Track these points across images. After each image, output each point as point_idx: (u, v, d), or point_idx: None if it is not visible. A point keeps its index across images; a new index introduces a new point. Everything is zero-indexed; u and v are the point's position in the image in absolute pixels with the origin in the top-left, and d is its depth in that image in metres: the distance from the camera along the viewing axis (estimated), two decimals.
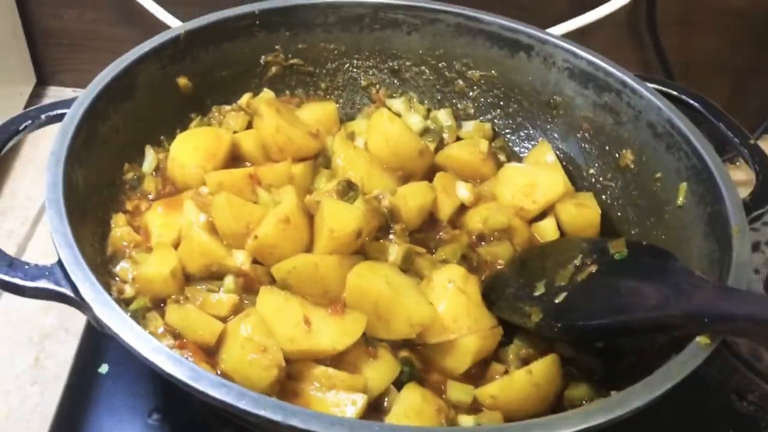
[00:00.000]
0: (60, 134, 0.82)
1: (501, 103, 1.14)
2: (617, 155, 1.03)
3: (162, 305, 0.81)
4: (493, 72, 1.12)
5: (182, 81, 1.02)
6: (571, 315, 0.78)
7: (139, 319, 0.79)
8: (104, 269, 0.83)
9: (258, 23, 1.06)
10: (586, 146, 1.08)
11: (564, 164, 1.08)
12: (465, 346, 0.80)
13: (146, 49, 0.97)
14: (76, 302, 0.70)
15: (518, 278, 0.89)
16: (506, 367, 0.82)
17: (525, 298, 0.84)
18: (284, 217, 0.82)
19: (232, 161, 0.99)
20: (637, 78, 1.00)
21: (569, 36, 1.17)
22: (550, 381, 0.79)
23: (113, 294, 0.79)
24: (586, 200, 1.02)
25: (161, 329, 0.77)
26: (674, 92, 1.01)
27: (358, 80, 1.17)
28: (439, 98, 1.17)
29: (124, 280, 0.83)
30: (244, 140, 1.00)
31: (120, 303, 0.74)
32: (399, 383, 0.78)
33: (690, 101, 1.01)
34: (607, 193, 1.05)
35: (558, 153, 1.08)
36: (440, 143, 1.10)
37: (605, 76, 1.02)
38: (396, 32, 1.12)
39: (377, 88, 1.17)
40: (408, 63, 1.15)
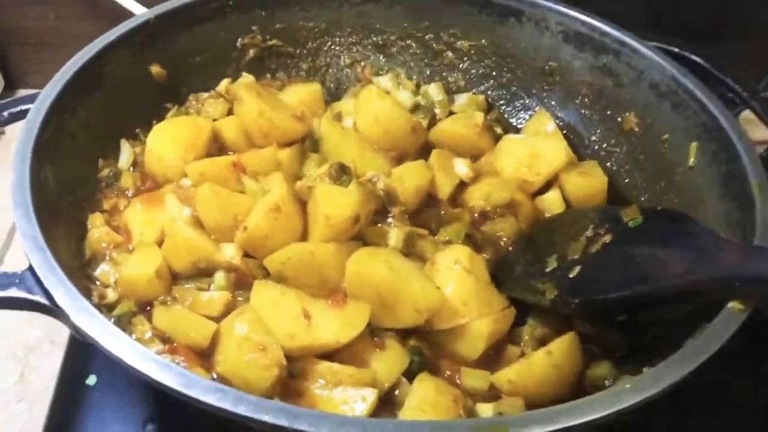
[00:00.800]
0: (24, 131, 0.76)
1: (493, 74, 1.08)
2: (620, 119, 0.98)
3: (148, 308, 0.75)
4: (483, 41, 1.06)
5: (155, 69, 0.97)
6: (589, 289, 0.73)
7: (124, 325, 0.73)
8: (83, 273, 0.77)
9: (231, 3, 1.00)
10: (587, 112, 1.02)
11: (564, 133, 1.02)
12: (477, 330, 0.75)
13: (113, 37, 0.91)
14: (52, 310, 0.64)
15: (527, 255, 0.84)
16: (522, 349, 0.77)
17: (537, 275, 0.79)
18: (274, 206, 0.76)
19: (214, 151, 0.93)
20: (636, 36, 0.95)
21: None
22: (571, 360, 0.74)
23: (94, 299, 0.74)
24: (591, 168, 0.97)
25: (149, 334, 0.72)
26: (676, 49, 0.96)
27: (342, 59, 1.11)
28: (428, 73, 1.11)
29: (106, 284, 0.77)
30: (225, 127, 0.94)
31: (102, 309, 0.69)
32: (410, 374, 0.73)
33: (693, 57, 0.95)
34: (612, 160, 1.00)
35: (557, 122, 1.03)
36: (432, 119, 1.05)
37: (602, 37, 0.97)
38: (378, 5, 1.06)
39: (362, 66, 1.11)
40: (393, 37, 1.09)
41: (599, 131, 1.01)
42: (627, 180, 0.98)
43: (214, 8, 0.99)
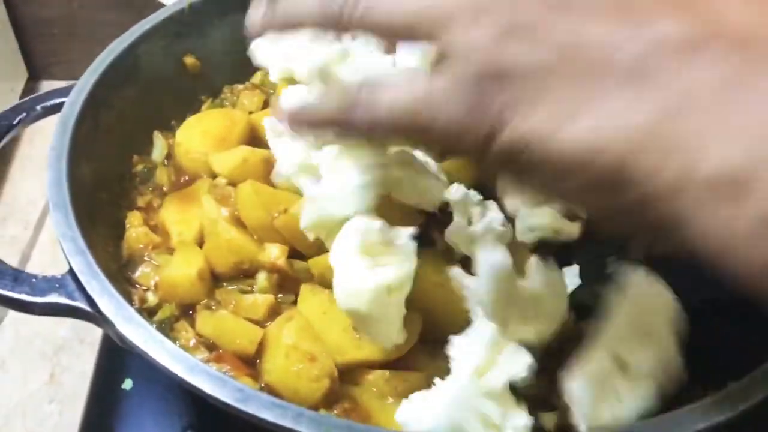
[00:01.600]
0: (60, 126, 0.73)
1: None
2: None
3: (191, 312, 0.72)
4: None
5: (189, 60, 0.93)
6: None
7: (167, 331, 0.69)
8: (122, 276, 0.73)
9: None
10: None
11: None
12: None
13: (147, 27, 0.88)
14: (94, 317, 0.61)
15: None
16: None
17: None
18: None
19: (249, 145, 0.89)
20: None
21: None
22: None
23: (134, 304, 0.70)
24: None
25: (193, 341, 0.68)
26: None
27: None
28: None
29: (146, 287, 0.74)
30: (262, 120, 0.90)
31: (143, 314, 0.65)
32: None
33: None
34: None
35: None
36: None
37: None
38: None
39: None
40: None
41: None
42: None
43: None
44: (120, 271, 0.74)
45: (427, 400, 0.57)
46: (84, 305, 0.61)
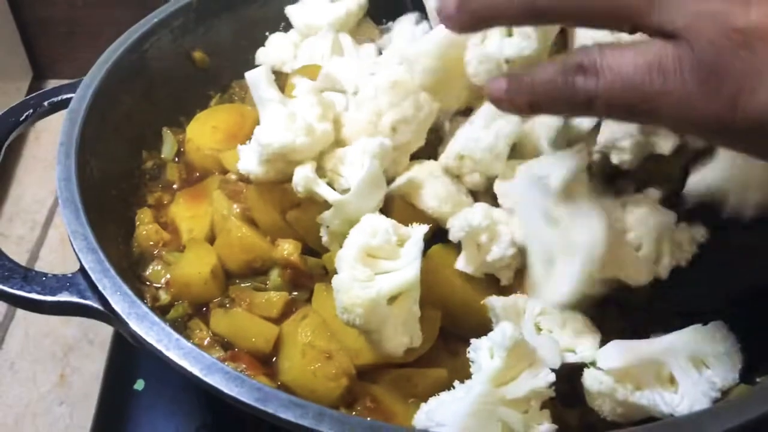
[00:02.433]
0: (68, 121, 0.71)
1: None
2: None
3: (204, 310, 0.70)
4: None
5: (198, 55, 0.92)
6: None
7: (181, 330, 0.68)
8: (133, 274, 0.72)
9: None
10: None
11: None
12: None
13: (154, 21, 0.86)
14: (106, 316, 0.59)
15: None
16: None
17: None
18: None
19: None
20: None
21: None
22: None
23: (147, 302, 0.69)
24: None
25: (207, 339, 0.67)
26: None
27: None
28: None
29: (157, 285, 0.72)
30: None
31: (156, 312, 0.63)
32: None
33: None
34: None
35: None
36: None
37: None
38: None
39: None
40: None
41: None
42: None
43: None
44: (131, 269, 0.73)
45: (446, 406, 0.55)
46: (96, 304, 0.59)
